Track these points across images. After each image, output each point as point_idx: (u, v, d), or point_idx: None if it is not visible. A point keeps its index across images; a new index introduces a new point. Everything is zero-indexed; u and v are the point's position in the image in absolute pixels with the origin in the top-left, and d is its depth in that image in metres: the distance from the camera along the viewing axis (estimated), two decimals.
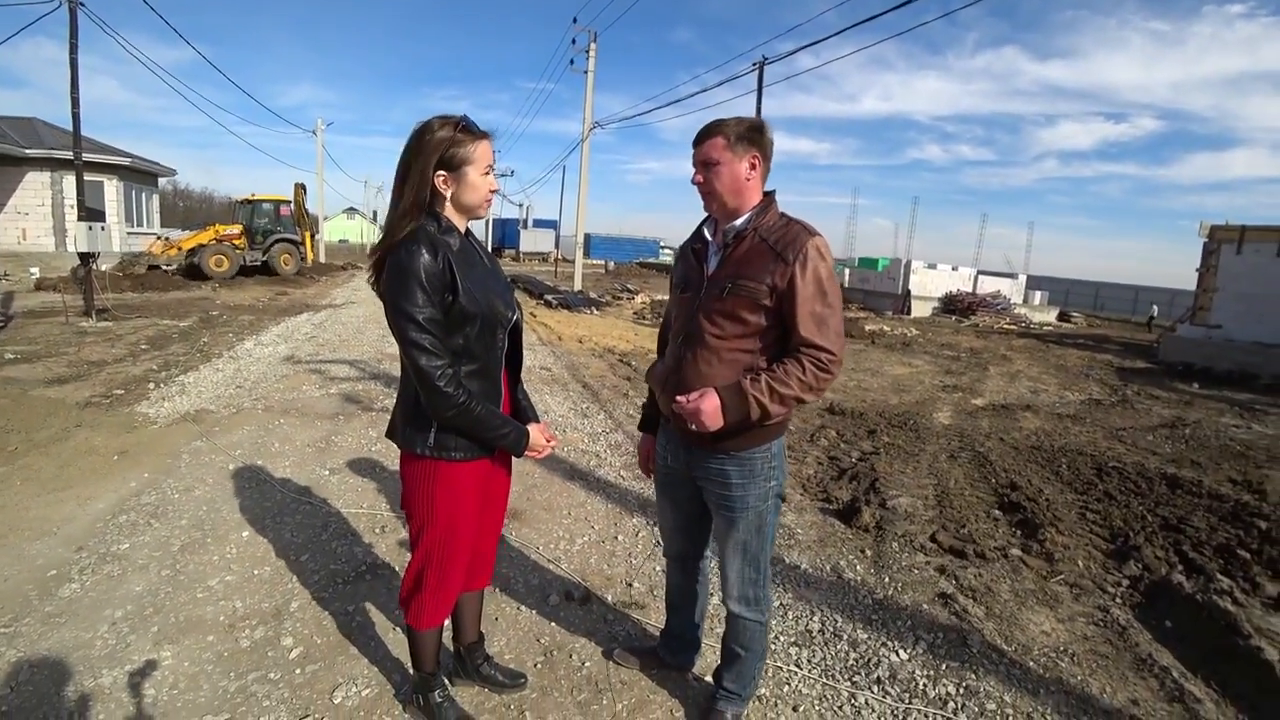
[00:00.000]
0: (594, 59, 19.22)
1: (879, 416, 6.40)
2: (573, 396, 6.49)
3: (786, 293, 1.62)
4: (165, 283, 14.83)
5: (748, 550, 1.83)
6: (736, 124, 1.70)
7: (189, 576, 2.71)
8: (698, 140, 1.73)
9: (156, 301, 12.26)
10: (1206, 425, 7.29)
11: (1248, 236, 14.15)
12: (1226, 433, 6.99)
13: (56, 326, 8.78)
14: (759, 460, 1.76)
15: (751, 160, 1.70)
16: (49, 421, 4.64)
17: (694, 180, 1.75)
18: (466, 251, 1.64)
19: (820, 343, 1.61)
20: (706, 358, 1.70)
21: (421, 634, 1.81)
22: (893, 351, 11.87)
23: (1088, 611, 2.99)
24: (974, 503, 4.23)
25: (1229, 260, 14.40)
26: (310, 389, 6.04)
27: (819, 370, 1.62)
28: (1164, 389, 9.99)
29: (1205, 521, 4.10)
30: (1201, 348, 12.94)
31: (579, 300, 15.71)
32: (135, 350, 7.52)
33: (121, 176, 19.28)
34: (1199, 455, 5.89)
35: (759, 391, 1.60)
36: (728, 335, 1.69)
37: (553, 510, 3.65)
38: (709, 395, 1.64)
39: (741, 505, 1.78)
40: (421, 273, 1.49)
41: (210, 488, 3.65)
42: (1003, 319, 20.68)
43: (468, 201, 1.63)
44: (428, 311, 1.51)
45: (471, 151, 1.58)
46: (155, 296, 13.06)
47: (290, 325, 10.07)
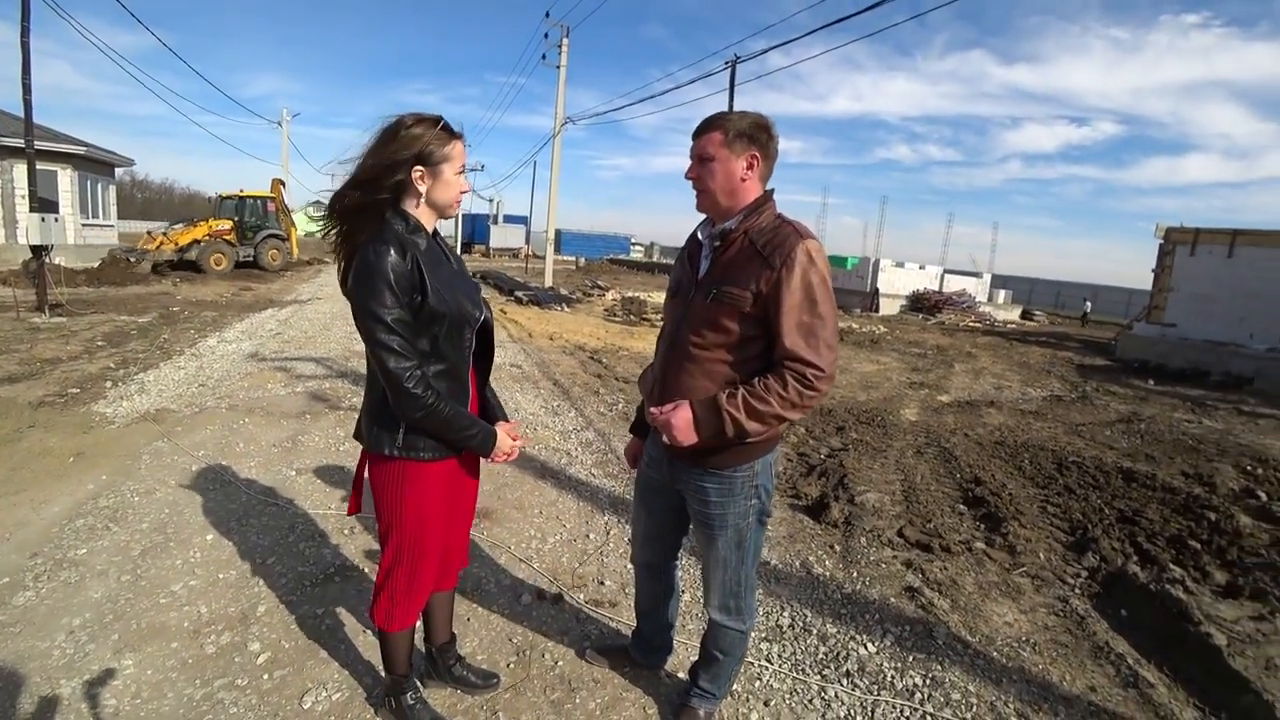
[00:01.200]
0: (566, 54, 19.12)
1: (847, 413, 6.51)
2: (544, 394, 6.46)
3: (771, 301, 1.51)
4: (122, 277, 14.32)
5: (728, 565, 1.78)
6: (739, 119, 1.60)
7: (151, 582, 2.63)
8: (696, 133, 1.64)
9: (113, 296, 11.84)
10: (1161, 420, 7.57)
11: (1201, 239, 14.72)
12: (1179, 428, 7.26)
13: (7, 322, 8.43)
14: (740, 479, 1.69)
15: (750, 159, 1.60)
16: (0, 423, 4.46)
17: (687, 175, 1.67)
18: (433, 251, 1.62)
19: (806, 356, 1.50)
20: (688, 368, 1.63)
21: (393, 636, 1.79)
22: (861, 349, 12.06)
23: (1048, 602, 3.09)
24: (940, 498, 4.33)
25: (1183, 261, 14.97)
26: (276, 387, 5.90)
27: (803, 387, 1.50)
28: (1121, 385, 10.34)
29: (1159, 513, 4.26)
30: (1157, 345, 13.43)
31: (549, 297, 15.61)
32: (91, 347, 7.26)
33: (76, 166, 18.54)
34: (1153, 450, 6.11)
35: (734, 408, 1.52)
36: (710, 344, 1.60)
37: (524, 509, 3.63)
38: (682, 408, 1.57)
39: (720, 523, 1.73)
40: (390, 273, 1.47)
41: (172, 490, 3.56)
42: (968, 317, 21.17)
43: (441, 200, 1.62)
44: (396, 313, 1.49)
45: (449, 150, 1.58)
46: (112, 291, 12.62)
47: (254, 321, 9.83)
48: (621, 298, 17.00)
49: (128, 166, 22.70)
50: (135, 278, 14.61)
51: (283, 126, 30.44)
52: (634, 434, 2.10)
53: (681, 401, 1.60)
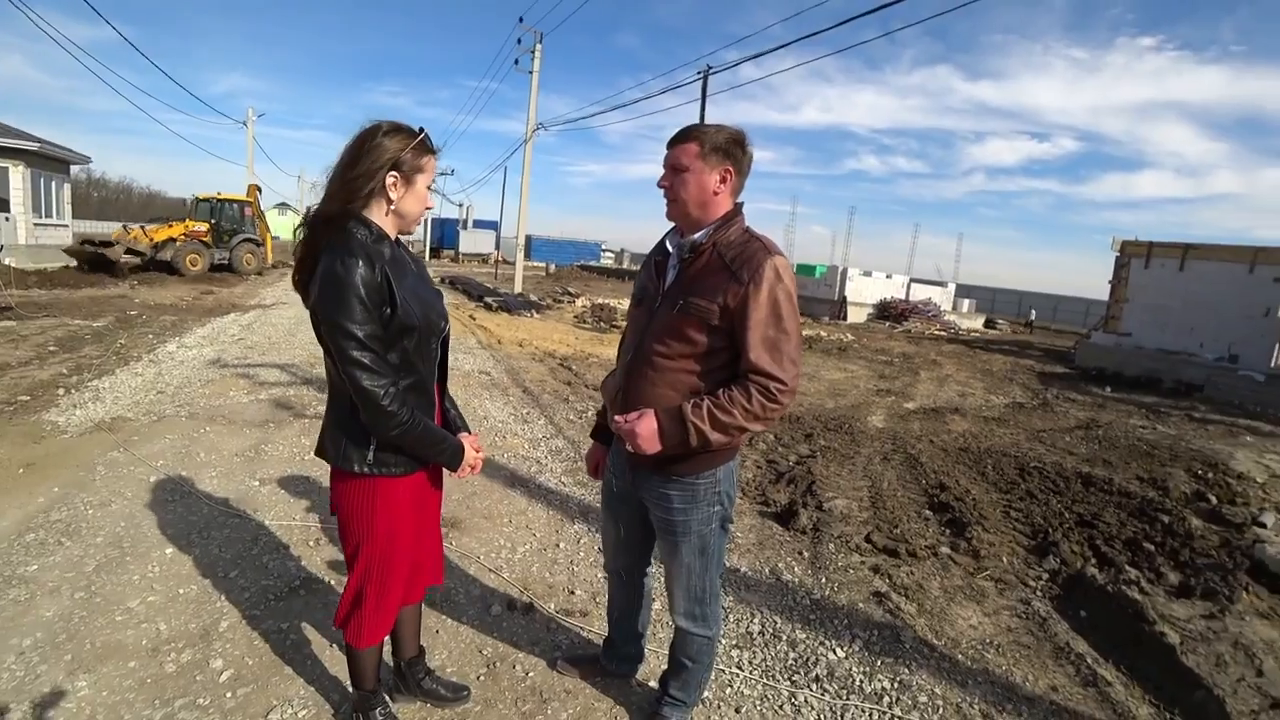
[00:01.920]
0: (539, 60, 19.10)
1: (815, 420, 6.60)
2: (513, 401, 6.41)
3: (738, 314, 1.53)
4: (76, 279, 13.85)
5: (692, 572, 1.80)
6: (715, 133, 1.61)
7: (106, 599, 2.54)
8: (672, 142, 1.65)
9: (67, 299, 11.42)
10: (1117, 427, 7.82)
11: (1154, 252, 15.33)
12: (1134, 433, 7.51)
13: None
14: (703, 486, 1.71)
15: (723, 173, 1.61)
16: None
17: (660, 183, 1.67)
18: (399, 260, 1.59)
19: (770, 370, 1.53)
20: (652, 377, 1.64)
21: (362, 652, 1.76)
22: (829, 356, 12.23)
23: (1011, 605, 3.17)
24: (906, 503, 4.42)
25: (1138, 273, 15.56)
26: (238, 394, 5.76)
27: (766, 400, 1.53)
28: (1080, 392, 10.66)
29: (1116, 517, 4.41)
30: (1113, 354, 13.91)
31: (519, 303, 15.52)
32: (43, 352, 6.99)
33: (29, 163, 17.85)
34: (1110, 455, 6.32)
35: (699, 418, 1.54)
36: (674, 354, 1.62)
37: (493, 518, 3.59)
38: (647, 417, 1.58)
39: (684, 530, 1.74)
40: (360, 286, 1.43)
41: (129, 502, 3.44)
42: (933, 325, 21.63)
43: (409, 210, 1.60)
44: (369, 328, 1.46)
45: (425, 162, 1.58)
46: (66, 294, 12.16)
47: (216, 326, 9.58)
48: (591, 304, 16.98)
49: (84, 164, 21.99)
50: (90, 280, 14.13)
51: (248, 126, 29.72)
52: (595, 440, 2.10)
53: (646, 410, 1.61)
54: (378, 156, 1.51)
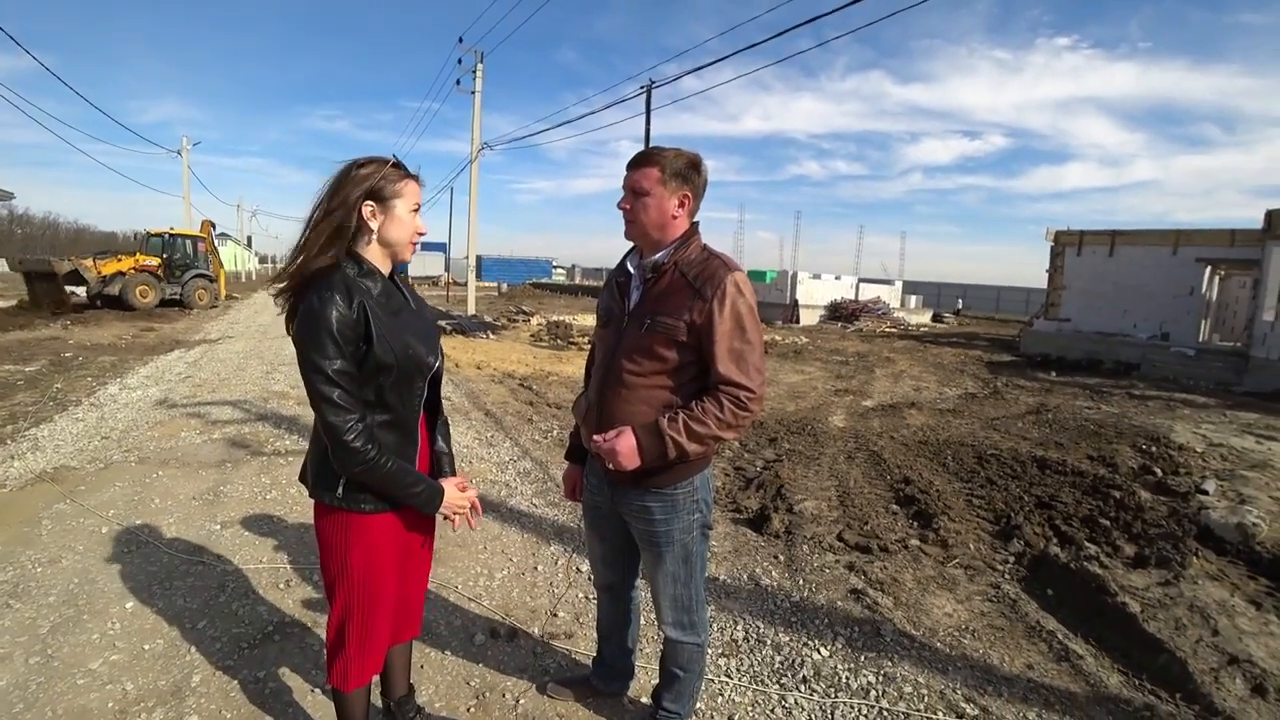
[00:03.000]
0: (481, 79, 19.01)
1: (778, 424, 6.70)
2: (475, 425, 6.32)
3: (704, 329, 1.59)
4: (4, 322, 13.10)
5: (677, 580, 1.83)
6: (675, 157, 1.67)
7: (65, 661, 2.39)
8: (632, 165, 1.70)
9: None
10: (1065, 409, 8.18)
11: (1085, 240, 16.16)
12: (1081, 414, 7.87)
13: None
14: (682, 495, 1.75)
15: (682, 198, 1.68)
16: None
17: (620, 206, 1.72)
18: (389, 295, 1.58)
19: (739, 380, 1.59)
20: (625, 395, 1.68)
21: (348, 696, 1.70)
22: (786, 360, 12.45)
23: (982, 590, 3.28)
24: (873, 500, 4.52)
25: (1072, 261, 16.37)
26: (190, 435, 5.53)
27: (737, 408, 1.59)
28: (1028, 379, 11.12)
29: (1071, 496, 4.61)
30: (1055, 339, 14.56)
31: (474, 325, 15.33)
32: None
33: None
34: (1061, 437, 6.60)
35: (676, 431, 1.59)
36: (646, 372, 1.67)
37: (467, 546, 3.54)
38: (625, 435, 1.62)
39: (666, 539, 1.78)
40: (334, 323, 1.42)
41: (81, 556, 3.26)
42: (884, 323, 22.26)
43: (393, 237, 1.58)
44: (338, 364, 1.44)
45: (401, 187, 1.56)
46: None
47: (160, 365, 9.18)
48: (547, 322, 16.91)
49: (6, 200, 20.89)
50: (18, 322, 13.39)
51: (183, 155, 28.73)
52: (571, 461, 2.12)
53: (624, 428, 1.64)
54: (352, 189, 1.51)
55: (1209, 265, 14.83)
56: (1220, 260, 14.84)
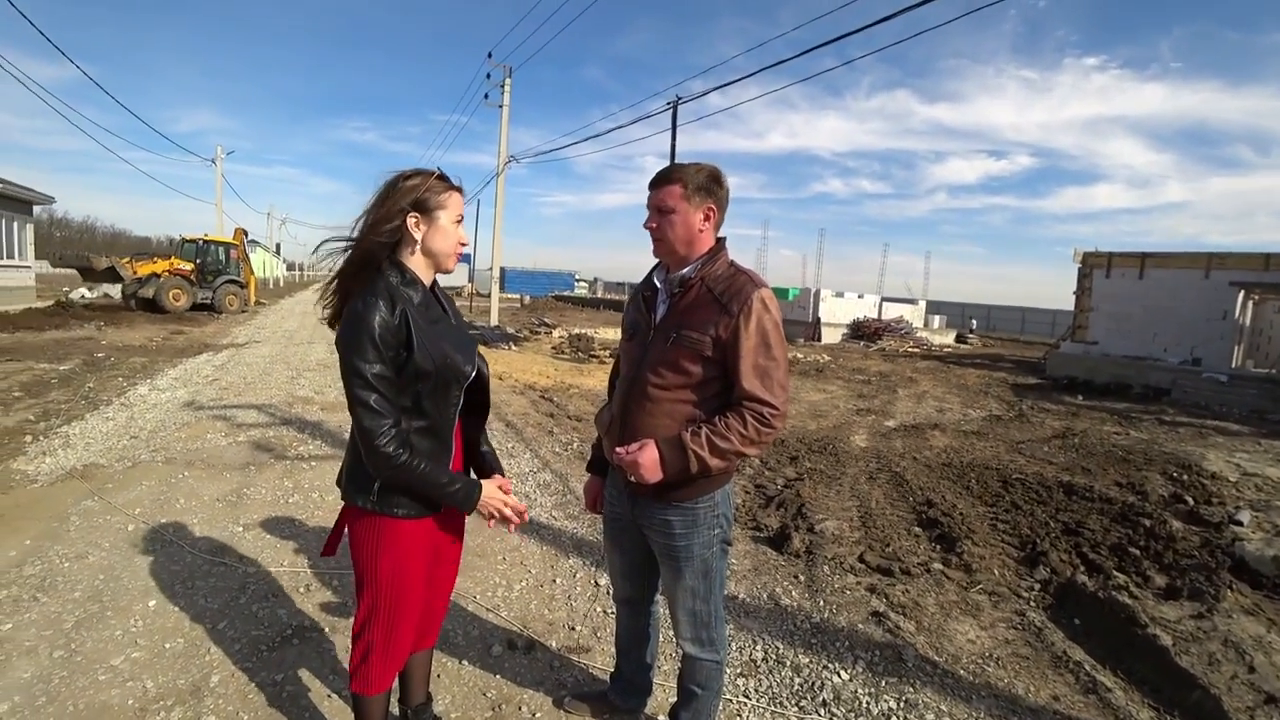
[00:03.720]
0: (509, 94, 19.26)
1: (800, 442, 6.64)
2: (496, 436, 6.32)
3: (730, 344, 1.60)
4: (39, 321, 13.49)
5: (696, 595, 1.81)
6: (696, 172, 1.68)
7: (88, 656, 2.43)
8: (655, 184, 1.71)
9: (31, 343, 11.10)
10: (1092, 434, 8.01)
11: (1114, 262, 15.87)
12: (1109, 440, 7.70)
13: None
14: (703, 510, 1.74)
15: (707, 211, 1.69)
16: None
17: (646, 225, 1.73)
18: (429, 305, 1.60)
19: (763, 396, 1.59)
20: (649, 408, 1.69)
21: (369, 700, 1.70)
22: (807, 378, 12.35)
23: (1006, 617, 3.20)
24: (895, 521, 4.45)
25: (1100, 283, 16.08)
26: (216, 437, 5.62)
27: (760, 424, 1.59)
28: (1054, 402, 10.91)
29: (1099, 523, 4.49)
30: (1082, 362, 14.29)
31: (496, 336, 15.45)
32: (7, 398, 6.77)
33: None
34: (1088, 462, 6.45)
35: (698, 445, 1.58)
36: (670, 385, 1.67)
37: (486, 556, 3.54)
38: (648, 448, 1.62)
39: (686, 554, 1.76)
40: (375, 328, 1.44)
41: (107, 553, 3.32)
42: (907, 342, 22.04)
43: (437, 248, 1.60)
44: (377, 368, 1.46)
45: (445, 199, 1.59)
46: (29, 337, 11.82)
47: (189, 367, 9.36)
48: (569, 335, 16.97)
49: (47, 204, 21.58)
50: (55, 322, 13.78)
51: (217, 164, 29.47)
52: (592, 473, 2.11)
53: (647, 440, 1.64)
54: (397, 199, 1.55)
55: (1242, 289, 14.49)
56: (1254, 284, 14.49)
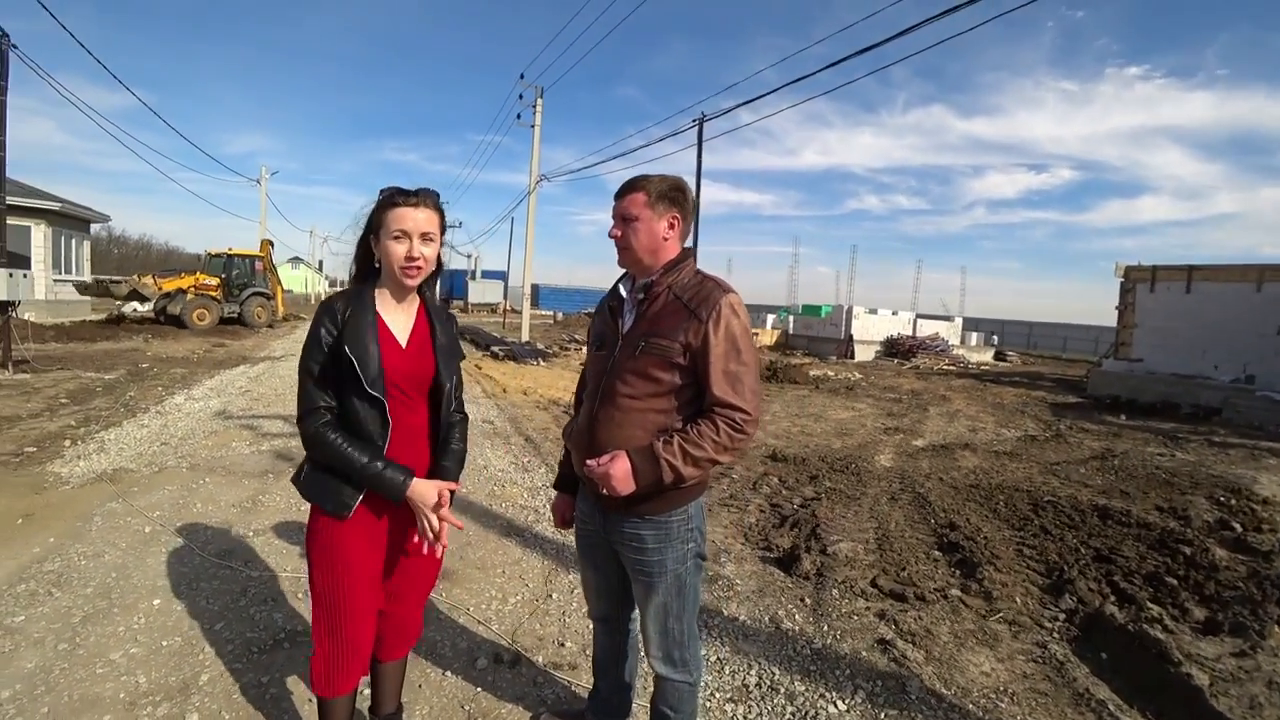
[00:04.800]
0: (540, 114, 19.62)
1: (821, 461, 6.47)
2: (514, 450, 6.35)
3: (700, 351, 1.58)
4: (91, 332, 14.14)
5: (669, 612, 1.75)
6: (659, 182, 1.69)
7: (89, 650, 2.50)
8: (619, 194, 1.72)
9: (82, 353, 11.63)
10: (1134, 455, 7.63)
11: (1159, 276, 15.21)
12: (1152, 462, 7.32)
13: None
14: (675, 523, 1.70)
15: (671, 220, 1.69)
16: None
17: (611, 234, 1.73)
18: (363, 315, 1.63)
19: (734, 401, 1.57)
20: (619, 418, 1.65)
21: (326, 702, 1.71)
22: (836, 396, 12.10)
23: (1026, 648, 3.03)
24: (914, 544, 4.28)
25: (1144, 298, 15.42)
26: (240, 445, 5.77)
27: (733, 430, 1.56)
28: (1094, 422, 10.46)
29: (1135, 550, 4.25)
30: (1126, 381, 13.67)
31: (525, 351, 15.59)
32: (54, 405, 7.08)
33: (51, 222, 18.49)
34: (1128, 485, 6.14)
35: (671, 454, 1.55)
36: (640, 394, 1.64)
37: (486, 569, 3.52)
38: (619, 459, 1.58)
39: (659, 569, 1.71)
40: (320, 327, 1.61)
41: (122, 552, 3.41)
42: (942, 360, 21.46)
43: (386, 264, 1.65)
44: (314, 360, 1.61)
45: (385, 216, 1.62)
46: (81, 347, 12.40)
47: (225, 379, 9.67)
48: None
49: (103, 222, 22.72)
50: (106, 334, 14.42)
51: (261, 184, 30.63)
52: (560, 490, 2.06)
53: (618, 452, 1.60)
54: (365, 227, 1.67)
55: None
56: None
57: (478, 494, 4.83)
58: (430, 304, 1.77)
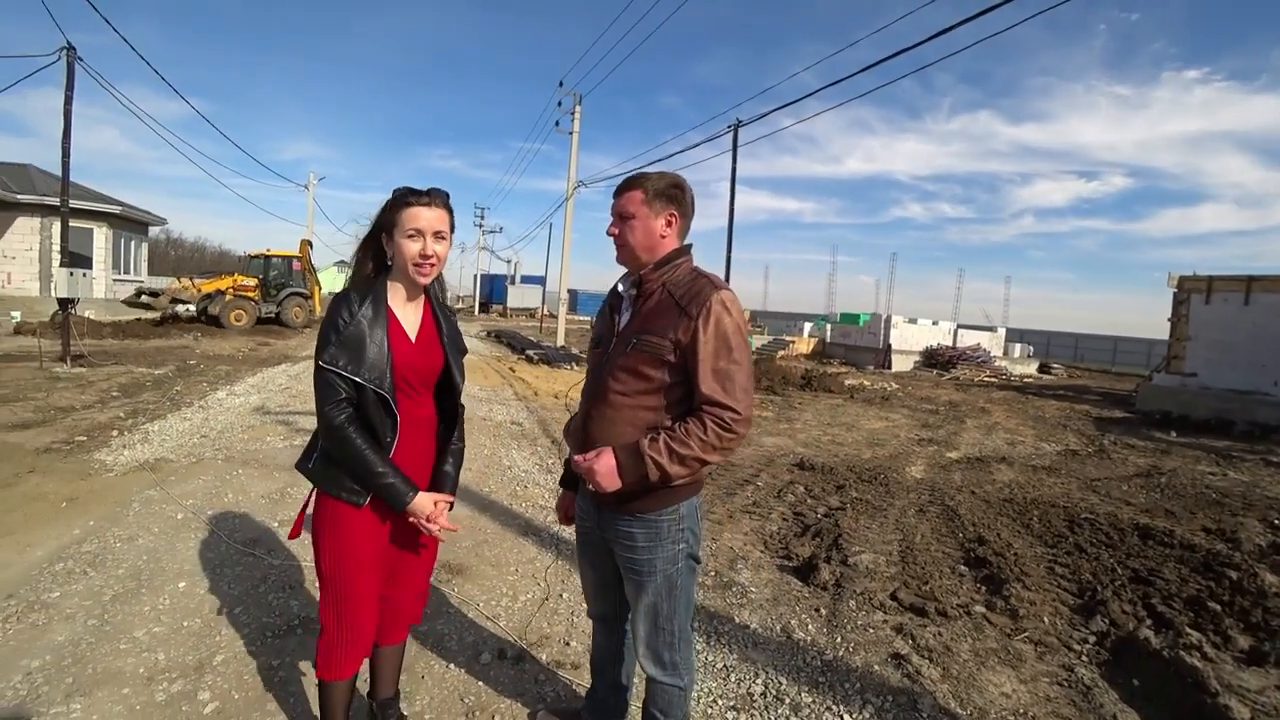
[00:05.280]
0: (578, 121, 19.83)
1: (849, 471, 6.35)
2: (539, 452, 6.40)
3: (689, 348, 1.56)
4: (145, 330, 14.79)
5: (659, 612, 1.73)
6: (657, 179, 1.69)
7: (115, 627, 2.63)
8: (617, 192, 1.73)
9: (135, 349, 12.17)
10: (1183, 474, 7.29)
11: (1215, 286, 14.44)
12: (1203, 480, 6.98)
13: (30, 371, 8.69)
14: (666, 523, 1.68)
15: (668, 217, 1.68)
16: (1, 467, 4.53)
17: (609, 232, 1.74)
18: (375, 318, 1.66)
19: (723, 401, 1.54)
20: (610, 415, 1.65)
21: (327, 685, 1.75)
22: (871, 406, 11.87)
23: (1051, 670, 2.90)
24: (939, 558, 4.16)
25: (1199, 309, 14.66)
26: (274, 440, 5.95)
27: (721, 430, 1.53)
28: (1141, 438, 10.03)
29: (1176, 573, 4.04)
30: (1178, 396, 13.04)
31: (560, 355, 15.73)
32: (105, 397, 7.43)
33: (111, 224, 19.48)
34: (1174, 504, 5.86)
35: (656, 452, 1.53)
36: (630, 392, 1.63)
37: (500, 566, 3.55)
38: (605, 454, 1.58)
39: (649, 569, 1.70)
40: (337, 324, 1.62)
41: (154, 537, 3.55)
42: (983, 371, 20.85)
43: (398, 263, 1.68)
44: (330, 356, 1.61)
45: (399, 215, 1.65)
46: (135, 344, 12.98)
47: (266, 376, 9.98)
48: None
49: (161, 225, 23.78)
50: (158, 331, 15.06)
51: (309, 189, 31.60)
52: (564, 487, 2.07)
53: (604, 448, 1.60)
54: (376, 223, 1.70)
55: None
56: None
57: (499, 493, 4.88)
58: (436, 300, 1.81)
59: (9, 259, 17.59)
